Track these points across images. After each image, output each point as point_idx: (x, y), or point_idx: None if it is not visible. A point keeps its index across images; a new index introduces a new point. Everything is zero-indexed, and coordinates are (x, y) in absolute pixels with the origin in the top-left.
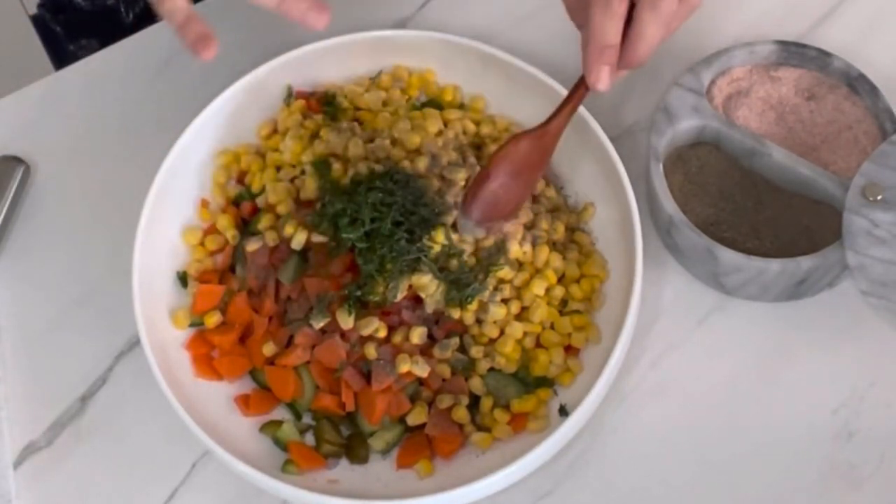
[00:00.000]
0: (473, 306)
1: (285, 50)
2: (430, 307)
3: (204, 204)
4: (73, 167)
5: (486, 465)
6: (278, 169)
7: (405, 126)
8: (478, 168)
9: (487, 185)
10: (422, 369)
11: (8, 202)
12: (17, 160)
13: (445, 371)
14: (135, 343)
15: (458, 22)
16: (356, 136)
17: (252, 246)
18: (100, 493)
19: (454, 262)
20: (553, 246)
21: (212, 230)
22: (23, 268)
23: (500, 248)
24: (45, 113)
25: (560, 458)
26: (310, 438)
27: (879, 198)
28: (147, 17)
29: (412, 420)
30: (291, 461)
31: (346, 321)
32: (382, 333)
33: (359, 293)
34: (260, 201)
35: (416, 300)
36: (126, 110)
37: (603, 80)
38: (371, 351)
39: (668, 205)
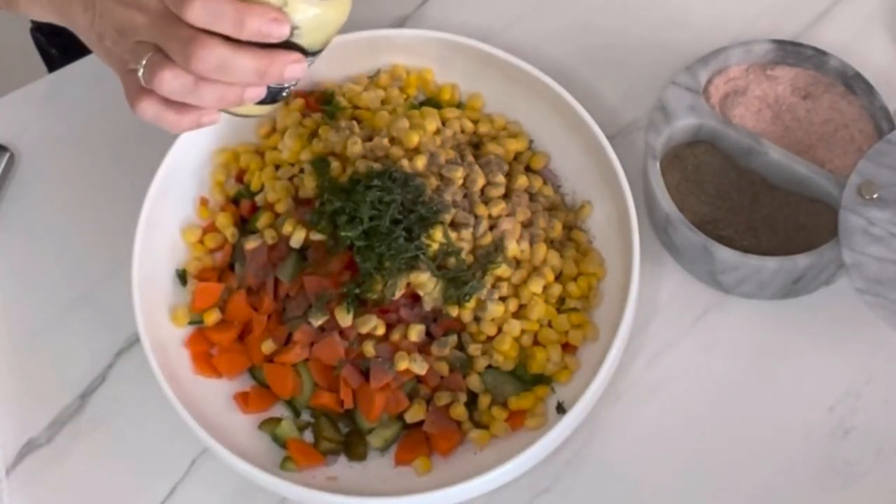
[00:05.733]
0: (471, 304)
1: None
2: (428, 305)
3: (203, 202)
4: (73, 165)
5: (483, 462)
6: (277, 167)
7: (403, 125)
8: (476, 167)
9: None
10: (420, 367)
11: None
12: (2, 148)
13: (443, 368)
14: (134, 341)
15: (456, 21)
16: (355, 135)
17: (251, 244)
18: (99, 490)
19: (452, 261)
20: (551, 244)
21: (211, 228)
22: (22, 266)
23: (498, 246)
24: (46, 110)
25: (557, 455)
26: (308, 436)
27: (875, 196)
28: None
29: (410, 417)
30: (290, 458)
31: (345, 319)
32: (381, 331)
33: (357, 291)
34: (259, 200)
35: (414, 298)
36: (126, 108)
37: None
38: (369, 348)
39: (665, 203)
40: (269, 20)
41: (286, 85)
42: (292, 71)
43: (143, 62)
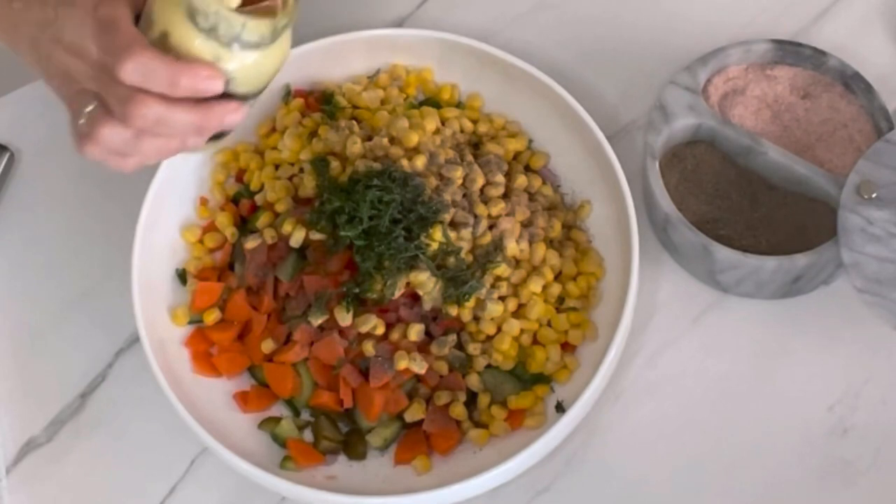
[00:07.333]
0: (471, 303)
1: None
2: (427, 304)
3: (203, 202)
4: (73, 165)
5: (483, 461)
6: (277, 167)
7: (403, 124)
8: (475, 166)
9: None
10: (419, 366)
11: None
12: (2, 147)
13: (443, 368)
14: (134, 340)
15: (455, 21)
16: (354, 135)
17: (251, 243)
18: (99, 489)
19: (451, 260)
20: (550, 243)
21: (211, 228)
22: (22, 266)
23: (498, 245)
24: (46, 110)
25: (557, 454)
26: (308, 435)
27: (874, 195)
28: None
29: (410, 416)
30: (290, 457)
31: (345, 318)
32: (380, 330)
33: (357, 290)
34: (258, 199)
35: (413, 297)
36: None
37: None
38: (369, 348)
39: (665, 202)
40: (203, 78)
41: None
42: (231, 120)
43: (86, 111)
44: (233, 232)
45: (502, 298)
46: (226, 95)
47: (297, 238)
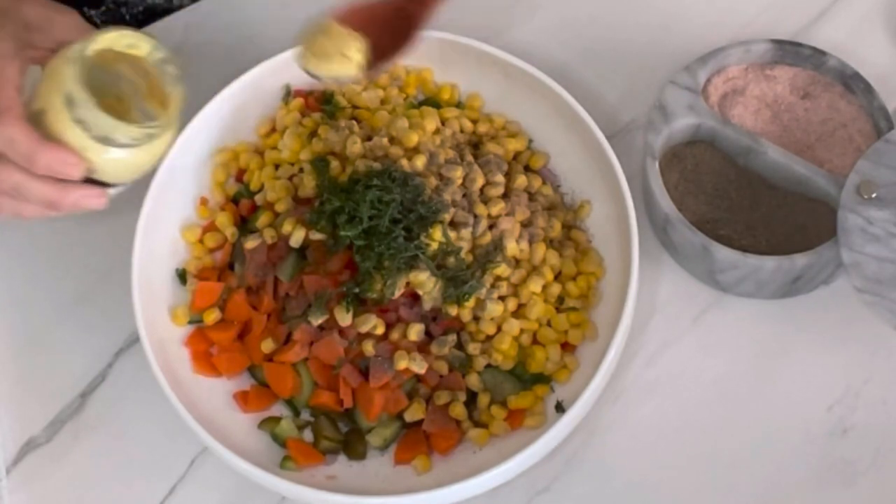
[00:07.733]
0: (470, 303)
1: (284, 49)
2: (427, 304)
3: (203, 202)
4: None
5: (482, 461)
6: (277, 167)
7: (403, 124)
8: (475, 166)
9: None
10: (419, 366)
11: None
12: None
13: (443, 368)
14: (134, 340)
15: (455, 21)
16: (354, 135)
17: (251, 243)
18: (99, 489)
19: (451, 260)
20: (550, 243)
21: (211, 228)
22: (22, 266)
23: (497, 245)
24: None
25: (556, 454)
26: (308, 435)
27: (874, 195)
28: (147, 18)
29: (410, 416)
30: (290, 457)
31: (345, 318)
32: (380, 330)
33: (357, 290)
34: (259, 199)
35: (413, 297)
36: None
37: None
38: (369, 347)
39: (664, 202)
40: (63, 163)
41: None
42: (89, 203)
43: None
44: (233, 232)
45: (502, 298)
46: (91, 180)
47: (297, 238)
